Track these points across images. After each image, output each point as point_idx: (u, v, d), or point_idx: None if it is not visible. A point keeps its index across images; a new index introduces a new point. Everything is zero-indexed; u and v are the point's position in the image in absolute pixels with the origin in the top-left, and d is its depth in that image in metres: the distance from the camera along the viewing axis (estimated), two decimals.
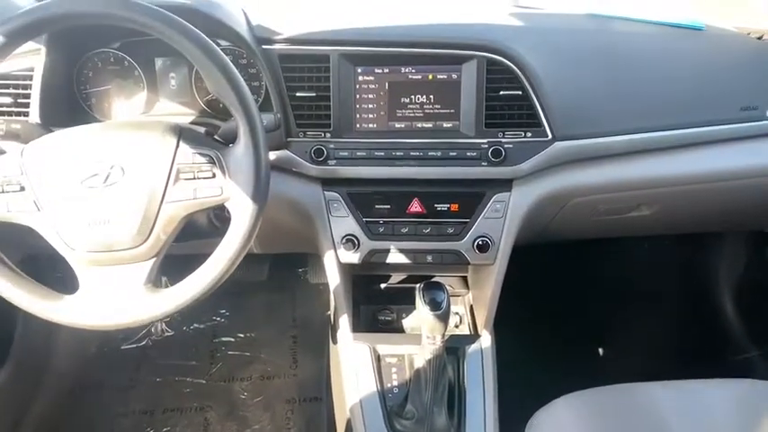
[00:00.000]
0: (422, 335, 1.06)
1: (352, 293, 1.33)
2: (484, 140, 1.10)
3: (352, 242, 1.15)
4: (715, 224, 1.62)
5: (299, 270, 2.16)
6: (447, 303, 1.03)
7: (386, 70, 1.10)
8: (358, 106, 1.11)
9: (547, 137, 1.10)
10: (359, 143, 1.11)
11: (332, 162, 1.11)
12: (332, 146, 1.10)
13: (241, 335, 2.01)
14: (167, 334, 2.01)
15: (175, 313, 0.87)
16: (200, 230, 1.05)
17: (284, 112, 1.09)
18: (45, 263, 1.15)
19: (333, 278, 1.24)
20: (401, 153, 1.11)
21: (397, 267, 1.35)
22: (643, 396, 1.09)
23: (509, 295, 1.23)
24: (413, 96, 1.11)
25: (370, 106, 1.11)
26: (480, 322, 1.29)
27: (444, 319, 1.03)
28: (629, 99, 1.15)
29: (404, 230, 1.16)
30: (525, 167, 1.11)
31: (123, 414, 1.78)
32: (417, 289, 1.06)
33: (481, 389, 1.17)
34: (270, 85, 1.08)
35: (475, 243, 1.15)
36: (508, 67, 1.08)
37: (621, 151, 1.16)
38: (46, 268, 1.17)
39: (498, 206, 1.14)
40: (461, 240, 1.16)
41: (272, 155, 1.09)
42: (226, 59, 0.83)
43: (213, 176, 0.86)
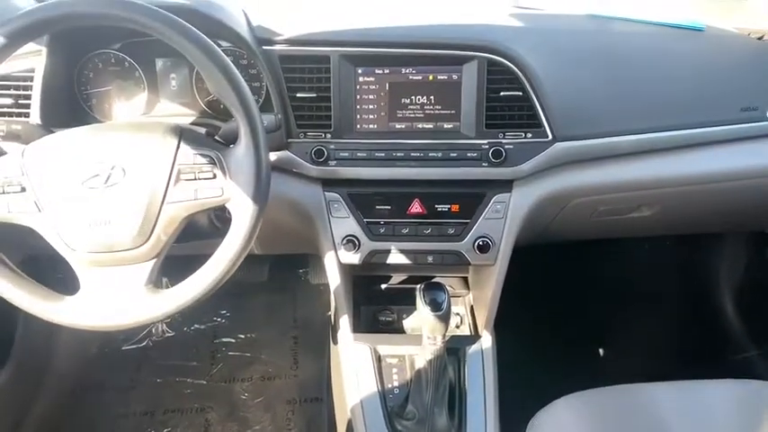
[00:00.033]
0: (422, 335, 1.06)
1: (352, 294, 1.33)
2: (484, 141, 1.10)
3: (352, 243, 1.15)
4: (715, 225, 1.62)
5: (300, 271, 2.17)
6: (448, 304, 1.04)
7: (386, 71, 1.10)
8: (358, 107, 1.11)
9: (547, 137, 1.11)
10: (359, 144, 1.11)
11: (332, 163, 1.11)
12: (332, 146, 1.10)
13: (242, 335, 2.01)
14: (168, 335, 2.01)
15: (176, 314, 0.87)
16: (200, 231, 1.05)
17: (285, 113, 1.09)
18: (46, 264, 1.15)
19: (333, 279, 1.24)
20: (402, 154, 1.11)
21: (398, 268, 1.36)
22: (643, 396, 1.09)
23: (510, 296, 1.23)
24: (413, 97, 1.11)
25: (370, 107, 1.11)
26: (481, 323, 1.29)
27: (445, 320, 1.03)
28: (629, 100, 1.15)
29: (404, 231, 1.16)
30: (526, 168, 1.11)
31: (124, 415, 1.78)
32: (418, 289, 1.06)
33: (482, 389, 1.17)
34: (270, 86, 1.08)
35: (475, 244, 1.15)
36: (508, 68, 1.08)
37: (622, 152, 1.16)
38: (47, 269, 1.17)
39: (499, 207, 1.14)
40: (462, 241, 1.16)
41: (273, 155, 1.09)
42: (226, 60, 0.83)
43: (214, 177, 0.86)
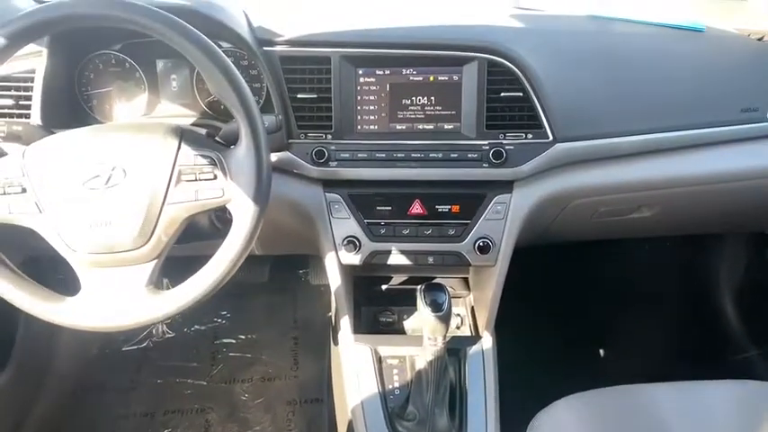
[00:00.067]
0: (423, 336, 1.06)
1: (353, 295, 1.33)
2: (485, 142, 1.10)
3: (353, 243, 1.15)
4: (715, 226, 1.62)
5: (300, 271, 2.16)
6: (448, 305, 1.03)
7: (387, 72, 1.10)
8: (359, 108, 1.11)
9: (548, 138, 1.11)
10: (360, 145, 1.11)
11: (333, 164, 1.11)
12: (333, 147, 1.10)
13: (242, 336, 2.01)
14: (168, 335, 2.01)
15: (177, 315, 0.87)
16: (201, 232, 1.05)
17: (285, 114, 1.09)
18: (46, 265, 1.15)
19: (334, 279, 1.24)
20: (402, 154, 1.11)
21: (399, 269, 1.35)
22: (644, 397, 1.09)
23: (510, 296, 1.23)
24: (414, 98, 1.11)
25: (371, 108, 1.11)
26: (481, 323, 1.29)
27: (445, 321, 1.03)
28: (629, 101, 1.15)
29: (405, 232, 1.16)
30: (526, 169, 1.11)
31: (124, 416, 1.78)
32: (418, 290, 1.06)
33: (482, 390, 1.17)
34: (271, 87, 1.08)
35: (476, 244, 1.15)
36: (509, 69, 1.08)
37: (622, 153, 1.16)
38: (47, 270, 1.17)
39: (499, 208, 1.14)
40: (462, 242, 1.16)
41: (274, 156, 1.09)
42: (227, 61, 0.83)
43: (215, 178, 0.86)
